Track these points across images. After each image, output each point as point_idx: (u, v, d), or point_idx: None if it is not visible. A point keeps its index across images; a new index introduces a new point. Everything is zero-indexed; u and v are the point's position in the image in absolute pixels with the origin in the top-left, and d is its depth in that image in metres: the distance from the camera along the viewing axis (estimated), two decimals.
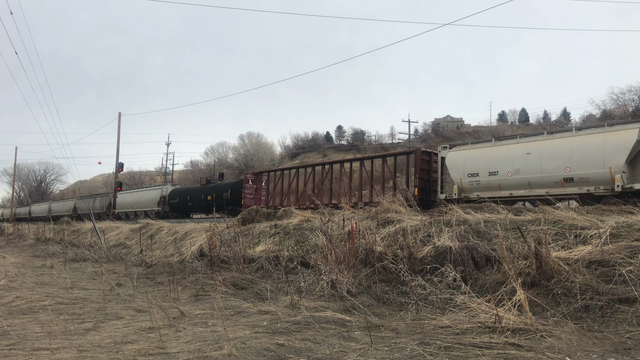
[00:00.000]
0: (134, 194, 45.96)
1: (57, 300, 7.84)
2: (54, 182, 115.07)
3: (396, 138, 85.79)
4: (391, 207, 11.23)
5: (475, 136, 70.51)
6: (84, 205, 50.88)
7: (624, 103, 49.40)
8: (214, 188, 32.78)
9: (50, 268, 13.08)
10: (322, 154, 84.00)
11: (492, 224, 8.40)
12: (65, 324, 5.98)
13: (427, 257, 7.65)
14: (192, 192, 35.72)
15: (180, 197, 36.12)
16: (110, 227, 24.18)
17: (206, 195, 32.60)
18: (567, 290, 5.81)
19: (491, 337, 4.58)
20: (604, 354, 4.12)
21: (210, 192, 32.23)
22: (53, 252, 18.03)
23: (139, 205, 41.98)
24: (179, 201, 35.79)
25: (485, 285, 6.56)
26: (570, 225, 7.55)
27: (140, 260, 13.95)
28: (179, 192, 37.49)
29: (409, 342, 4.62)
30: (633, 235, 6.61)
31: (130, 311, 6.91)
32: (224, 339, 4.98)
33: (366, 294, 7.24)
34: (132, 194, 46.57)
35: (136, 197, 43.62)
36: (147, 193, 41.98)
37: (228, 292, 8.23)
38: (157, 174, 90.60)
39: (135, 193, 45.82)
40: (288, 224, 12.63)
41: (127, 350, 4.72)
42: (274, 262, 9.83)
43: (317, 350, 4.53)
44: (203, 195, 32.93)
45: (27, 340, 5.21)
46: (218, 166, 78.98)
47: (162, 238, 17.28)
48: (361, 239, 8.74)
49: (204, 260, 11.78)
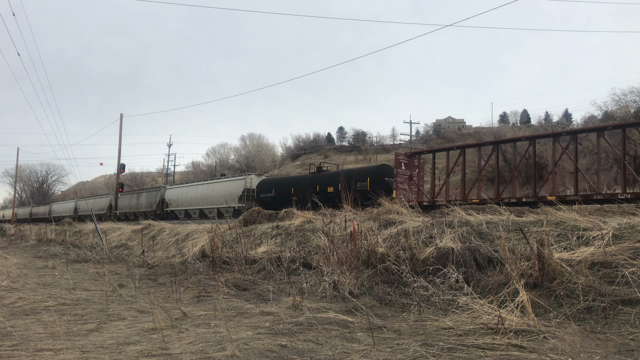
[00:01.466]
0: (199, 187, 35.77)
1: (59, 301, 7.85)
2: (56, 183, 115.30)
3: (397, 139, 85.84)
4: (393, 208, 11.23)
5: (476, 137, 70.43)
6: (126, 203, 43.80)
7: (626, 104, 49.35)
8: (335, 176, 24.78)
9: (52, 269, 13.09)
10: (323, 155, 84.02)
11: (494, 225, 8.40)
12: (68, 324, 5.99)
13: (430, 259, 7.65)
14: (296, 182, 26.93)
15: (278, 189, 27.78)
16: (111, 228, 24.21)
17: (323, 186, 24.58)
18: (569, 291, 5.80)
19: (494, 339, 4.58)
20: (607, 356, 4.11)
21: (330, 182, 24.36)
22: (55, 253, 18.06)
23: (207, 201, 33.47)
24: (276, 195, 27.25)
25: (487, 287, 6.56)
26: (572, 226, 7.54)
27: (142, 261, 13.96)
28: (274, 183, 29.13)
29: (412, 343, 4.61)
30: (636, 237, 6.60)
31: (132, 312, 6.92)
32: (226, 339, 4.99)
33: (368, 295, 7.23)
34: (195, 187, 36.30)
35: (203, 192, 34.59)
36: (222, 186, 32.89)
37: (230, 293, 8.23)
38: (159, 175, 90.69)
39: (201, 186, 35.70)
40: (290, 225, 12.64)
41: (130, 351, 4.72)
42: (276, 263, 9.83)
43: (320, 352, 4.53)
44: (319, 186, 24.69)
45: (30, 341, 5.22)
46: (219, 167, 79.05)
47: (164, 239, 17.30)
48: (363, 240, 8.74)
49: (206, 262, 11.79)
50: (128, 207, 43.50)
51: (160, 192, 39.80)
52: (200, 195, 34.64)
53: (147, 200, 40.68)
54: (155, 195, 40.04)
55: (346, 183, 21.25)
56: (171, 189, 39.29)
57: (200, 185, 36.19)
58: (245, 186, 30.29)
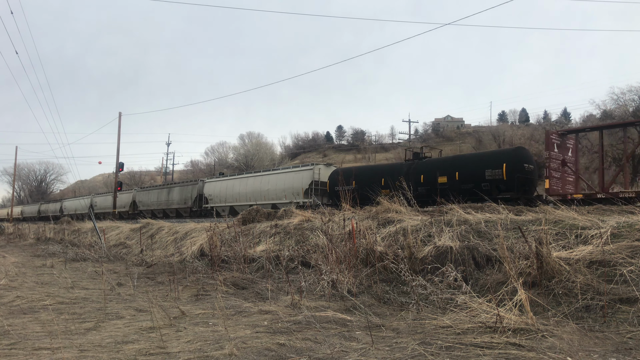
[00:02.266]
0: (249, 180, 31.02)
1: (57, 299, 7.84)
2: (54, 182, 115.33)
3: (396, 138, 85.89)
4: (392, 207, 11.22)
5: (475, 136, 70.44)
6: (153, 199, 40.43)
7: (624, 103, 49.35)
8: (448, 162, 20.13)
9: (50, 268, 13.08)
10: (322, 154, 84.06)
11: (492, 224, 8.40)
12: (66, 323, 5.98)
13: (428, 257, 7.65)
14: (388, 171, 21.87)
15: (361, 180, 22.75)
16: (110, 226, 24.19)
17: (431, 175, 20.08)
18: (568, 290, 5.80)
19: (492, 337, 4.58)
20: (605, 354, 4.11)
21: (442, 170, 19.59)
22: (53, 251, 18.03)
23: (261, 196, 29.24)
24: (359, 187, 21.09)
25: (486, 285, 6.56)
26: (571, 225, 7.54)
27: (141, 260, 13.94)
28: (355, 173, 23.88)
29: (410, 342, 4.61)
30: (634, 235, 6.61)
31: (130, 311, 6.91)
32: (224, 338, 4.98)
33: (367, 293, 7.23)
34: (244, 180, 31.47)
35: (255, 186, 30.13)
36: (281, 179, 28.70)
37: (229, 291, 8.23)
38: (157, 174, 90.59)
39: (252, 179, 30.94)
40: (288, 224, 12.63)
41: (128, 350, 4.71)
42: (274, 261, 9.82)
43: (318, 350, 4.53)
44: (423, 176, 20.40)
45: (27, 339, 5.21)
46: (218, 166, 79.02)
47: (163, 238, 17.28)
48: (362, 239, 8.74)
49: (204, 260, 11.78)
50: (156, 204, 39.67)
51: (197, 187, 35.43)
52: (252, 190, 30.13)
53: (181, 196, 36.37)
54: (191, 190, 35.74)
55: (464, 172, 17.78)
56: (212, 182, 34.85)
57: (251, 178, 31.33)
58: (312, 178, 26.35)
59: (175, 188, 38.46)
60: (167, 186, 40.74)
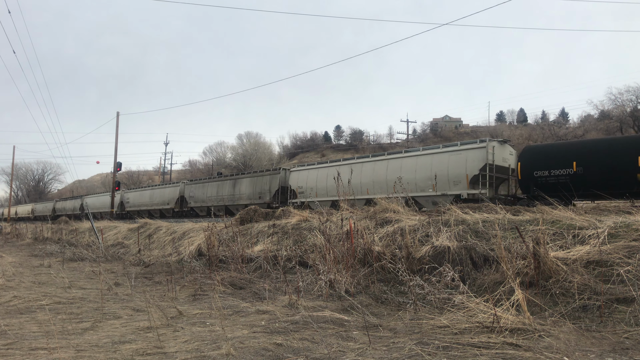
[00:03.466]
0: (365, 166, 23.81)
1: (54, 299, 7.82)
2: (52, 182, 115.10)
3: (394, 138, 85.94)
4: (389, 207, 11.22)
5: (473, 136, 70.53)
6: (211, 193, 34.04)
7: (622, 103, 49.46)
8: None
9: (48, 267, 13.05)
10: (320, 154, 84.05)
11: (490, 224, 8.40)
12: (63, 323, 5.97)
13: (426, 257, 7.65)
14: None
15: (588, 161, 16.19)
16: (108, 226, 24.14)
17: None
18: (565, 290, 5.81)
19: (489, 337, 4.58)
20: (602, 354, 4.12)
21: None
22: (51, 251, 17.99)
23: (384, 188, 21.83)
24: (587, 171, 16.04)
25: (483, 285, 6.56)
26: (568, 225, 7.55)
27: (139, 260, 13.92)
28: (572, 151, 16.95)
29: (407, 342, 4.61)
30: (631, 235, 6.62)
31: (128, 311, 6.90)
32: (222, 338, 4.97)
33: (364, 293, 7.23)
34: (354, 166, 24.04)
35: (375, 173, 23.08)
36: (424, 162, 21.20)
37: (226, 291, 8.22)
38: (156, 174, 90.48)
39: (369, 164, 23.72)
40: (286, 224, 12.63)
41: (125, 349, 4.70)
42: (272, 261, 9.82)
43: (315, 350, 4.53)
44: None
45: (24, 339, 5.19)
46: (216, 166, 78.97)
47: (160, 238, 17.26)
48: (359, 239, 8.74)
49: (202, 260, 11.76)
50: (215, 199, 33.41)
51: (279, 176, 28.65)
52: (369, 179, 23.04)
53: (255, 189, 29.81)
54: (269, 181, 29.00)
55: None
56: (300, 170, 27.75)
57: (367, 163, 23.85)
58: (487, 160, 18.71)
59: (245, 179, 31.49)
60: (233, 177, 33.99)
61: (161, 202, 40.84)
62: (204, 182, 36.74)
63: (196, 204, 35.79)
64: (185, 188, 38.54)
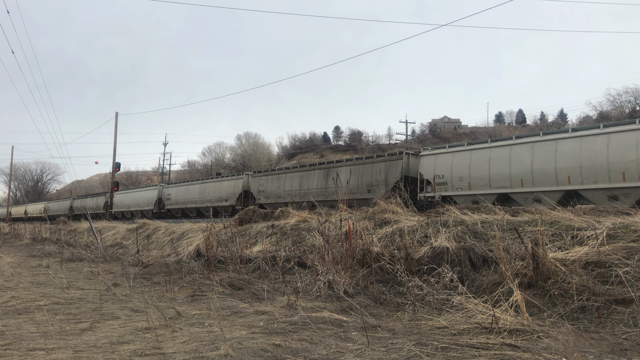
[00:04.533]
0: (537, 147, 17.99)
1: (53, 300, 7.81)
2: (51, 182, 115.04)
3: (393, 139, 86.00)
4: (388, 208, 11.22)
5: (472, 137, 70.60)
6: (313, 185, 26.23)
7: (621, 104, 49.57)
8: None
9: (46, 268, 13.02)
10: (319, 155, 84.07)
11: (489, 225, 8.40)
12: (61, 324, 5.96)
13: (424, 258, 7.65)
14: None
15: None
16: (107, 226, 24.12)
17: None
18: (563, 291, 5.81)
19: (488, 338, 4.58)
20: (601, 355, 4.12)
21: None
22: (49, 251, 17.96)
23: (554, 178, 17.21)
24: None
25: (482, 286, 6.56)
26: (567, 226, 7.56)
27: (137, 260, 13.90)
28: None
29: (406, 343, 4.61)
30: (630, 236, 6.62)
31: (126, 311, 6.88)
32: (220, 339, 4.97)
33: (363, 294, 7.23)
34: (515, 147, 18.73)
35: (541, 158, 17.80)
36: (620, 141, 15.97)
37: (225, 292, 8.21)
38: (154, 174, 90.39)
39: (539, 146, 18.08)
40: (285, 224, 12.62)
41: (123, 350, 4.70)
42: (271, 262, 9.81)
43: (314, 351, 4.52)
44: None
45: (22, 340, 5.18)
46: (215, 166, 78.94)
47: (159, 238, 17.25)
48: (358, 240, 8.73)
49: (200, 261, 11.75)
50: (317, 193, 25.56)
51: (399, 163, 22.26)
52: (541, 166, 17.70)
53: (372, 177, 23.11)
54: (386, 168, 22.65)
55: None
56: (434, 155, 21.70)
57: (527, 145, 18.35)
58: None
59: (341, 169, 24.33)
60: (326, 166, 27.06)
61: (217, 198, 34.76)
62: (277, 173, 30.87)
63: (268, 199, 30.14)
64: (251, 180, 32.60)
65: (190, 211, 37.79)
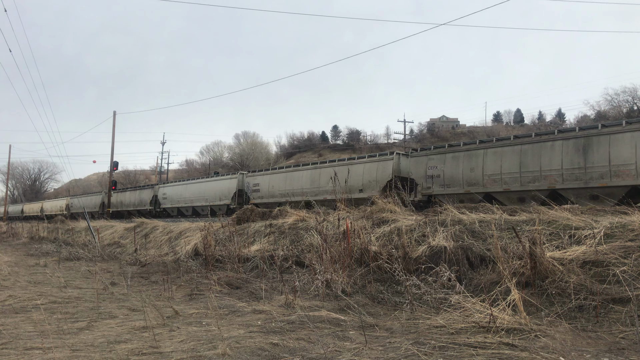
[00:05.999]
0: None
1: (50, 299, 7.79)
2: (48, 181, 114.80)
3: (392, 138, 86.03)
4: (386, 207, 11.22)
5: (470, 136, 70.63)
6: None
7: (618, 104, 49.68)
8: None
9: (43, 267, 13.00)
10: (317, 154, 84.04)
11: (486, 224, 8.41)
12: (59, 323, 5.94)
13: (422, 257, 7.65)
14: None
15: None
16: (104, 226, 24.08)
17: None
18: (561, 290, 5.82)
19: (485, 337, 4.58)
20: (598, 354, 4.12)
21: None
22: (47, 250, 17.93)
23: None
24: None
25: (479, 285, 6.57)
26: (564, 225, 7.57)
27: (135, 259, 13.88)
28: None
29: (404, 342, 4.61)
30: (627, 236, 6.63)
31: (124, 310, 6.87)
32: (218, 338, 4.96)
33: (361, 293, 7.23)
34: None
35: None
36: None
37: (222, 291, 8.20)
38: (152, 173, 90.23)
39: None
40: (283, 224, 12.61)
41: (121, 349, 4.69)
42: (268, 261, 9.81)
43: (312, 350, 4.52)
44: None
45: (19, 339, 5.17)
46: (213, 165, 78.86)
47: (157, 237, 17.22)
48: (356, 239, 8.73)
49: (198, 260, 11.74)
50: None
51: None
52: None
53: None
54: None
55: None
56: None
57: None
58: None
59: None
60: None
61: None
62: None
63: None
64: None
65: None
